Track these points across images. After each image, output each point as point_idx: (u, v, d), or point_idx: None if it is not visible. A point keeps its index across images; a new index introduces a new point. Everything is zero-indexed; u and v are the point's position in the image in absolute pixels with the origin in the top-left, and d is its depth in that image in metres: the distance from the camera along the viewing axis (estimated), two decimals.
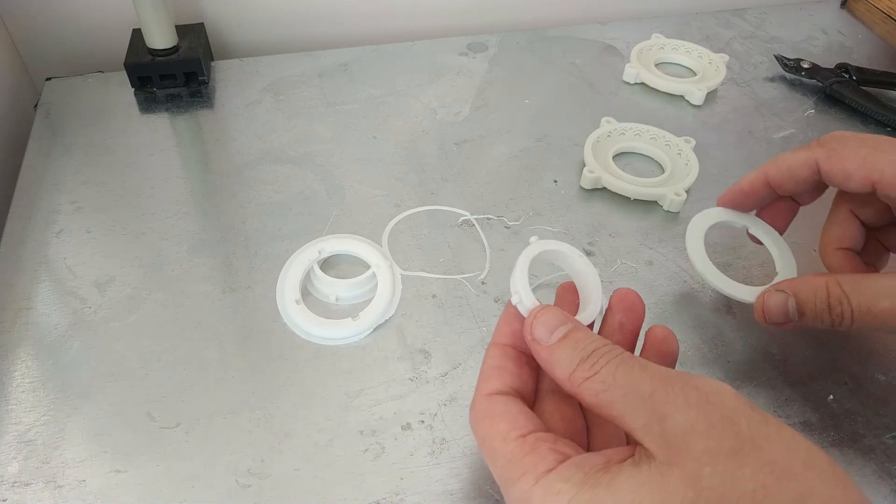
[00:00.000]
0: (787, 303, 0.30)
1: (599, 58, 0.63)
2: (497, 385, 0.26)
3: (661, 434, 0.20)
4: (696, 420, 0.20)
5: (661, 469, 0.20)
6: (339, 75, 0.60)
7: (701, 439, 0.20)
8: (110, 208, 0.47)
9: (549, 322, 0.25)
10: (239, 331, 0.40)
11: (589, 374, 0.23)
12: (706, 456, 0.19)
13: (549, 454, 0.22)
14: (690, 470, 0.19)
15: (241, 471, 0.34)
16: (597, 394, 0.22)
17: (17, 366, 0.38)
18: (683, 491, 0.19)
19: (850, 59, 0.63)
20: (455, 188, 0.49)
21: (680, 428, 0.20)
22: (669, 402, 0.21)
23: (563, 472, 0.21)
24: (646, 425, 0.21)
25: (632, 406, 0.21)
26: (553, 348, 0.24)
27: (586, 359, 0.23)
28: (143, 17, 0.54)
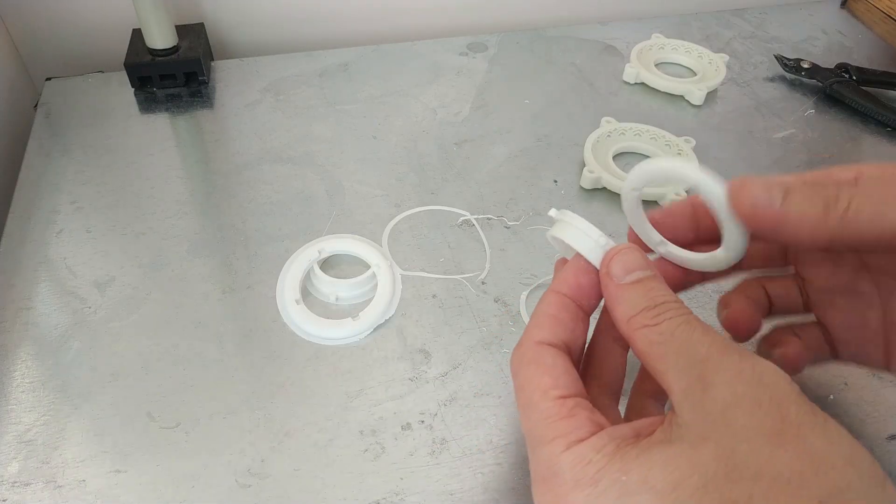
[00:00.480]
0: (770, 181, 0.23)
1: (599, 58, 0.63)
2: (550, 335, 0.25)
3: (700, 402, 0.20)
4: (742, 395, 0.19)
5: (695, 442, 0.19)
6: (339, 75, 0.60)
7: (743, 415, 0.19)
8: (110, 208, 0.47)
9: (628, 262, 0.24)
10: (239, 331, 0.40)
11: (650, 322, 0.22)
12: (745, 433, 0.19)
13: (586, 423, 0.22)
14: (725, 445, 0.19)
15: (241, 471, 0.34)
16: (651, 343, 0.22)
17: (17, 366, 0.38)
18: (716, 466, 0.18)
19: (850, 59, 0.63)
20: (455, 188, 0.49)
21: (722, 400, 0.19)
22: (720, 371, 0.20)
23: (596, 442, 0.21)
24: (687, 389, 0.20)
25: (680, 366, 0.21)
26: (624, 287, 0.24)
27: (652, 308, 0.23)
28: (143, 17, 0.54)
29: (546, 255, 0.44)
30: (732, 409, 0.19)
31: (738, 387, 0.20)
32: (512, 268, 0.44)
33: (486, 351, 0.39)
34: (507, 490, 0.33)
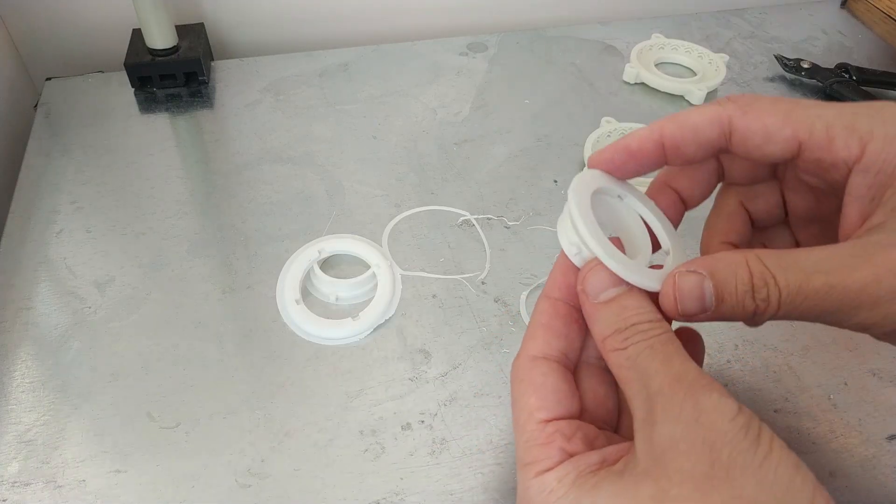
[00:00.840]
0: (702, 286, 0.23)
1: (599, 58, 0.63)
2: (543, 346, 0.25)
3: (648, 437, 0.21)
4: (679, 437, 0.20)
5: (638, 479, 0.20)
6: (339, 75, 0.60)
7: (678, 458, 0.20)
8: (110, 208, 0.47)
9: (601, 279, 0.24)
10: (239, 331, 0.40)
11: (619, 345, 0.23)
12: (677, 476, 0.19)
13: (557, 452, 0.23)
14: (661, 487, 0.20)
15: (241, 471, 0.34)
16: (619, 367, 0.23)
17: (17, 366, 0.38)
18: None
19: (850, 59, 0.63)
20: (455, 188, 0.49)
21: (664, 441, 0.20)
22: (665, 410, 0.20)
23: (560, 471, 0.22)
24: (642, 420, 0.21)
25: (640, 396, 0.21)
26: (597, 307, 0.24)
27: (623, 330, 0.23)
28: (143, 17, 0.54)
29: (546, 255, 0.45)
30: (670, 451, 0.20)
31: (676, 427, 0.20)
32: (512, 268, 0.44)
33: (486, 351, 0.39)
34: (507, 490, 0.33)
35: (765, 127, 0.24)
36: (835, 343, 0.40)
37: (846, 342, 0.40)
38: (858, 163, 0.23)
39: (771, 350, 0.40)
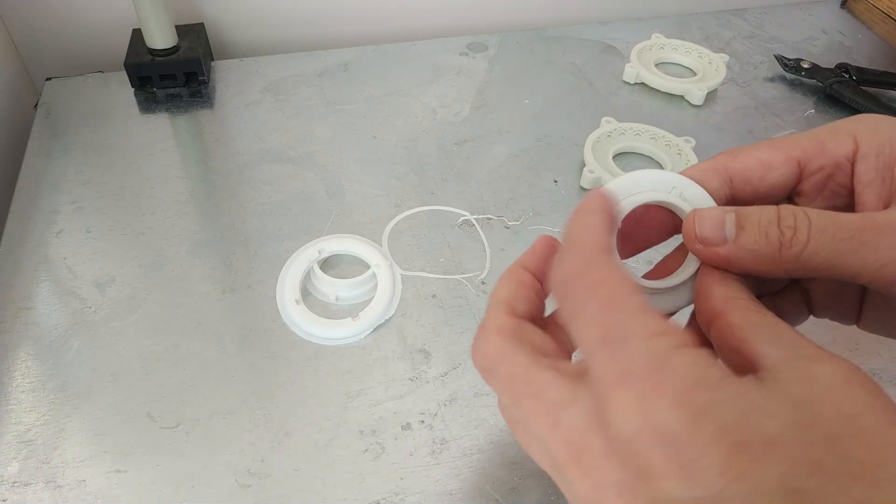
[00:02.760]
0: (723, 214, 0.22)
1: (599, 58, 0.63)
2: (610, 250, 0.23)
3: (808, 371, 0.18)
4: (852, 374, 0.18)
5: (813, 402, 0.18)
6: (339, 75, 0.60)
7: (857, 394, 0.18)
8: (110, 208, 0.47)
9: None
10: (239, 331, 0.40)
11: (751, 304, 0.21)
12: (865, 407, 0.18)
13: (694, 334, 0.21)
14: (848, 411, 0.17)
15: (241, 471, 0.34)
16: (750, 322, 0.20)
17: (17, 366, 0.38)
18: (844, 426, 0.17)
19: (850, 59, 0.63)
20: (455, 188, 0.49)
21: (834, 376, 0.18)
22: (824, 359, 0.19)
23: (709, 354, 0.19)
24: (788, 359, 0.19)
25: (779, 343, 0.19)
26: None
27: (755, 300, 0.21)
28: (143, 17, 0.54)
29: None
30: (845, 387, 0.18)
31: (847, 368, 0.18)
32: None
33: None
34: (507, 490, 0.33)
35: (759, 159, 0.24)
36: (835, 343, 0.40)
37: (846, 342, 0.40)
38: (857, 153, 0.23)
39: None
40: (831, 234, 0.21)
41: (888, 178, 0.23)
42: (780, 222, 0.21)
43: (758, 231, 0.22)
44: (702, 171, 0.25)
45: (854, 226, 0.21)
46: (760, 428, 0.17)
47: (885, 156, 0.23)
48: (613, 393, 0.18)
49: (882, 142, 0.23)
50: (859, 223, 0.21)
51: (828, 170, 0.24)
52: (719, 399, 0.17)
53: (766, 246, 0.21)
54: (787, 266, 0.21)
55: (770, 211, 0.22)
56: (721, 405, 0.17)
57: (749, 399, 0.17)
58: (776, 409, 0.17)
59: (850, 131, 0.23)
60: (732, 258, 0.22)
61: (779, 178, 0.24)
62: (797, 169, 0.24)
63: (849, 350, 0.40)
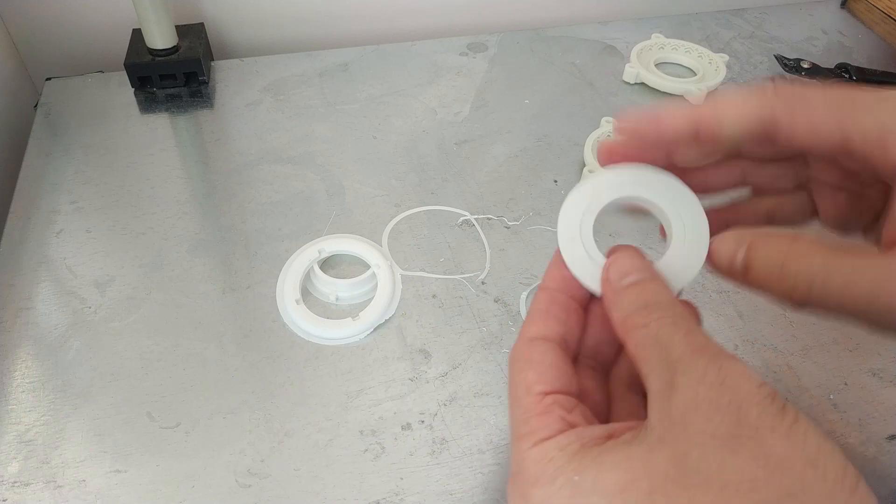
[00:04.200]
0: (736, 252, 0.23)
1: (599, 58, 0.63)
2: (542, 329, 0.25)
3: (665, 406, 0.20)
4: (701, 398, 0.19)
5: (652, 446, 0.19)
6: (339, 75, 0.60)
7: (700, 419, 0.19)
8: (110, 208, 0.47)
9: (623, 266, 0.24)
10: (239, 331, 0.40)
11: (641, 322, 0.22)
12: (700, 437, 0.19)
13: (556, 421, 0.22)
14: (679, 450, 0.19)
15: (241, 471, 0.34)
16: (637, 346, 0.22)
17: (17, 366, 0.38)
18: (665, 470, 0.18)
19: (850, 59, 0.63)
20: (455, 188, 0.49)
21: (683, 403, 0.19)
22: (686, 374, 0.20)
23: (562, 440, 0.21)
24: (658, 392, 0.20)
25: (657, 369, 0.21)
26: (619, 291, 0.24)
27: (642, 309, 0.23)
28: (143, 17, 0.54)
29: (546, 255, 0.44)
30: (691, 413, 0.19)
31: (699, 390, 0.19)
32: (512, 268, 0.44)
33: (486, 351, 0.39)
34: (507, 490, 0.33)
35: (812, 127, 0.23)
36: (835, 343, 0.40)
37: (846, 342, 0.40)
38: None
39: (771, 350, 0.40)
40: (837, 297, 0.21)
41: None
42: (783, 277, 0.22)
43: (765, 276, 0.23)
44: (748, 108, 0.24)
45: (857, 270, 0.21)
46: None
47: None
48: (508, 488, 0.23)
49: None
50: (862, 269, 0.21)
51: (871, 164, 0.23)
52: (550, 492, 0.20)
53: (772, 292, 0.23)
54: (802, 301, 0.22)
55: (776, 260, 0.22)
56: (551, 497, 0.20)
57: (573, 485, 0.20)
58: (597, 485, 0.19)
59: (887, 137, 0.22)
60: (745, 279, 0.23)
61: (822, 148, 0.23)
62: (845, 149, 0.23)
63: (849, 350, 0.40)
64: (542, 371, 0.23)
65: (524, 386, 0.23)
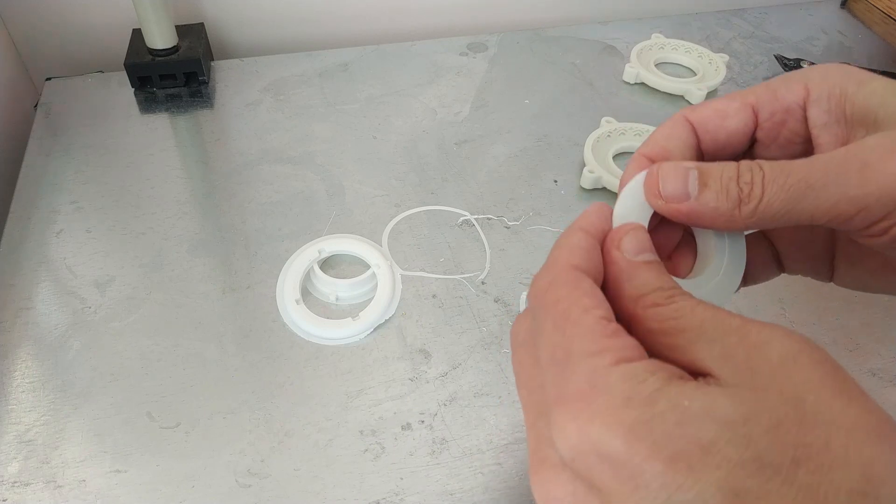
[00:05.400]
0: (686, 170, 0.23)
1: (599, 58, 0.63)
2: (585, 263, 0.22)
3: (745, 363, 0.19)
4: (798, 352, 0.18)
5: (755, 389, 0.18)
6: (339, 75, 0.60)
7: (803, 370, 0.18)
8: (110, 208, 0.47)
9: (641, 242, 0.23)
10: (239, 331, 0.40)
11: (664, 301, 0.21)
12: (808, 385, 0.18)
13: (635, 347, 0.20)
14: (791, 394, 0.18)
15: (241, 471, 0.34)
16: (666, 319, 0.20)
17: (17, 366, 0.38)
18: (785, 410, 0.17)
19: (850, 59, 0.63)
20: (455, 188, 0.49)
21: (777, 356, 0.18)
22: (765, 333, 0.19)
23: (649, 365, 0.19)
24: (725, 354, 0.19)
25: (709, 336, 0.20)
26: (637, 265, 0.22)
27: (666, 290, 0.21)
28: (143, 17, 0.54)
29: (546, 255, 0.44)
30: (790, 365, 0.18)
31: (792, 345, 0.19)
32: (512, 268, 0.44)
33: (486, 351, 0.39)
34: (506, 490, 0.33)
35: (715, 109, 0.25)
36: (835, 343, 0.40)
37: (846, 342, 0.40)
38: (808, 98, 0.24)
39: None
40: (781, 184, 0.21)
41: (841, 119, 0.23)
42: (739, 178, 0.22)
43: (720, 187, 0.22)
44: (668, 125, 0.26)
45: (801, 171, 0.21)
46: (694, 437, 0.17)
47: (836, 97, 0.23)
48: (554, 414, 0.19)
49: (832, 84, 0.23)
50: (805, 167, 0.22)
51: (779, 115, 0.25)
52: (648, 415, 0.17)
53: (725, 202, 0.22)
54: (747, 221, 0.22)
55: (731, 167, 0.22)
56: (651, 421, 0.17)
57: (681, 410, 0.17)
58: (713, 413, 0.17)
59: (802, 79, 0.24)
60: (693, 214, 0.23)
61: (736, 125, 0.25)
62: (753, 115, 0.25)
63: (849, 350, 0.40)
64: (599, 300, 0.21)
65: (581, 307, 0.20)
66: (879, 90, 0.23)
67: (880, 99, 0.22)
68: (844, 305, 0.42)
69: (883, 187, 0.20)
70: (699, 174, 0.23)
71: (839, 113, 0.23)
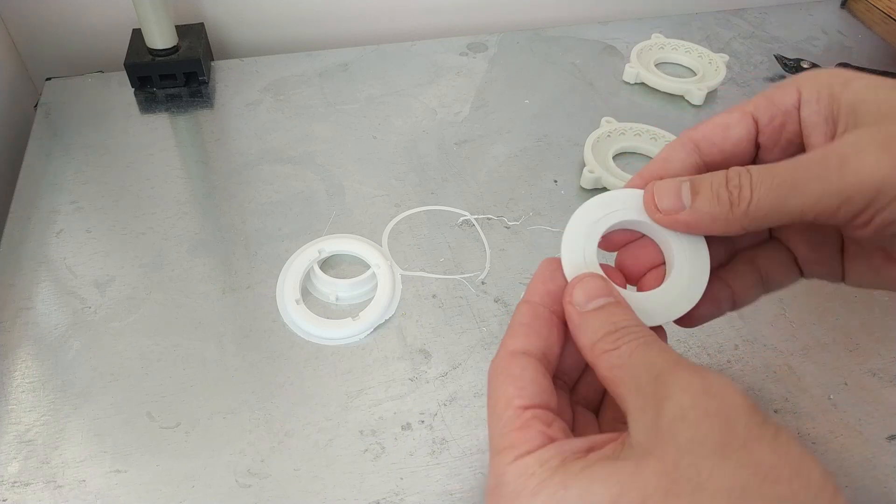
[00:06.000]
0: (679, 184, 0.25)
1: (599, 58, 0.63)
2: (523, 343, 0.25)
3: (652, 419, 0.20)
4: (688, 408, 0.19)
5: (639, 459, 0.19)
6: (339, 75, 0.60)
7: (688, 428, 0.19)
8: (110, 208, 0.47)
9: (590, 290, 0.25)
10: (239, 331, 0.40)
11: (610, 346, 0.23)
12: (689, 445, 0.19)
13: (537, 436, 0.22)
14: (669, 460, 0.19)
15: (241, 471, 0.34)
16: (610, 368, 0.22)
17: (17, 366, 0.38)
18: (656, 482, 0.18)
19: (850, 59, 0.63)
20: (455, 188, 0.49)
21: (671, 414, 0.19)
22: (670, 385, 0.20)
23: (542, 454, 0.21)
24: (641, 408, 0.21)
25: (636, 386, 0.21)
26: (586, 315, 0.24)
27: (613, 332, 0.23)
28: (143, 17, 0.54)
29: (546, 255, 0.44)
30: (678, 423, 0.19)
31: (685, 400, 0.20)
32: (512, 268, 0.44)
33: (486, 351, 0.39)
34: None
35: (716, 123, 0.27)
36: (835, 343, 0.40)
37: (846, 342, 0.40)
38: (800, 100, 0.25)
39: (771, 350, 0.40)
40: (769, 184, 0.23)
41: (830, 118, 0.25)
42: (728, 183, 0.24)
43: (710, 194, 0.24)
44: (670, 148, 0.27)
45: (786, 171, 0.23)
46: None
47: (825, 98, 0.25)
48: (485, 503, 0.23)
49: (821, 86, 0.25)
50: (790, 167, 0.23)
51: (778, 119, 0.26)
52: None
53: (718, 206, 0.24)
54: (742, 222, 0.24)
55: (719, 174, 0.24)
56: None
57: (558, 498, 0.20)
58: (585, 498, 0.19)
59: (794, 83, 0.26)
60: (691, 222, 0.25)
61: (739, 133, 0.27)
62: (753, 122, 0.26)
63: (849, 350, 0.40)
64: (523, 385, 0.23)
65: (504, 400, 0.23)
66: (862, 88, 0.24)
67: (862, 96, 0.24)
68: (844, 305, 0.42)
69: (862, 179, 0.21)
70: (691, 185, 0.25)
71: (828, 113, 0.25)
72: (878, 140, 0.22)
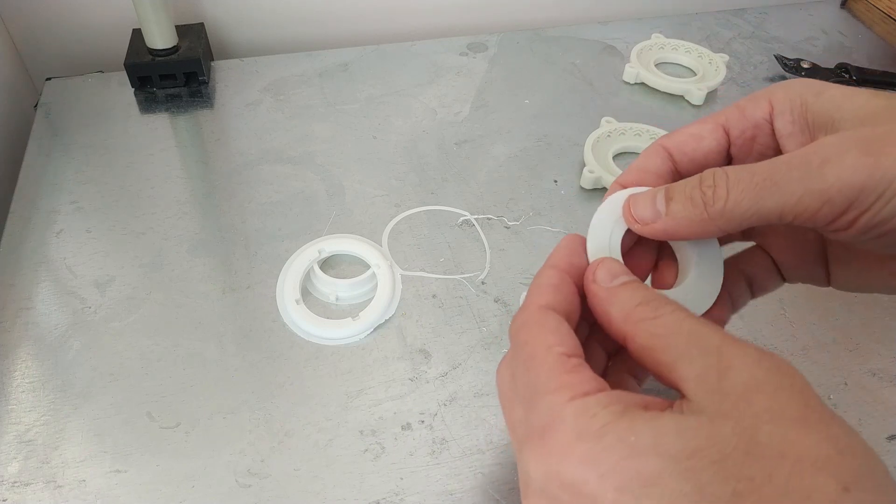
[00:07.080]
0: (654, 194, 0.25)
1: (599, 58, 0.63)
2: (552, 300, 0.24)
3: (717, 386, 0.20)
4: (763, 380, 0.19)
5: (712, 419, 0.19)
6: (339, 75, 0.60)
7: (765, 399, 0.19)
8: (110, 208, 0.47)
9: (613, 269, 0.25)
10: (239, 331, 0.40)
11: (650, 315, 0.22)
12: (768, 414, 0.19)
13: (591, 379, 0.21)
14: (747, 424, 0.18)
15: (241, 471, 0.34)
16: (654, 336, 0.22)
17: (17, 366, 0.38)
18: (736, 442, 0.18)
19: (850, 59, 0.63)
20: (455, 188, 0.49)
21: (743, 383, 0.19)
22: (738, 356, 0.20)
23: (603, 398, 0.20)
24: (701, 375, 0.20)
25: (692, 354, 0.21)
26: (614, 289, 0.24)
27: (648, 302, 0.23)
28: (143, 17, 0.54)
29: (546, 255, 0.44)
30: (754, 392, 0.19)
31: (758, 372, 0.20)
32: (512, 268, 0.44)
33: (486, 351, 0.39)
34: (507, 490, 0.33)
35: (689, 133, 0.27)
36: (835, 343, 0.40)
37: (846, 342, 0.40)
38: (773, 112, 0.25)
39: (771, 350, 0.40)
40: (747, 182, 0.23)
41: (804, 127, 0.25)
42: (701, 184, 0.24)
43: (684, 198, 0.24)
44: (644, 155, 0.28)
45: (766, 170, 0.23)
46: (637, 470, 0.18)
47: (798, 108, 0.25)
48: (524, 449, 0.21)
49: (793, 97, 0.25)
50: (770, 166, 0.23)
51: (749, 131, 0.26)
52: (597, 449, 0.19)
53: (693, 209, 0.24)
54: (718, 222, 0.23)
55: (693, 179, 0.24)
56: (599, 455, 0.19)
57: (628, 445, 0.19)
58: (658, 448, 0.18)
59: (766, 95, 0.26)
60: (669, 229, 0.25)
61: (710, 144, 0.27)
62: (725, 134, 0.27)
63: (849, 350, 0.40)
64: (562, 337, 0.23)
65: (544, 346, 0.22)
66: (837, 97, 0.24)
67: (837, 104, 0.24)
68: (844, 305, 0.42)
69: (843, 179, 0.21)
70: (665, 192, 0.25)
71: (802, 122, 0.25)
72: (859, 142, 0.22)
